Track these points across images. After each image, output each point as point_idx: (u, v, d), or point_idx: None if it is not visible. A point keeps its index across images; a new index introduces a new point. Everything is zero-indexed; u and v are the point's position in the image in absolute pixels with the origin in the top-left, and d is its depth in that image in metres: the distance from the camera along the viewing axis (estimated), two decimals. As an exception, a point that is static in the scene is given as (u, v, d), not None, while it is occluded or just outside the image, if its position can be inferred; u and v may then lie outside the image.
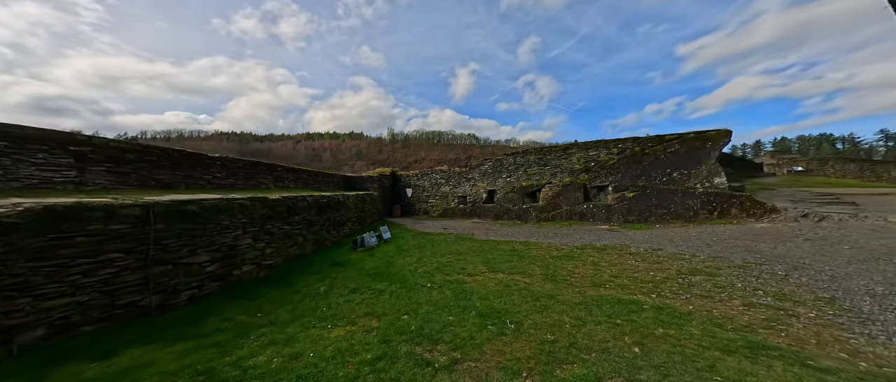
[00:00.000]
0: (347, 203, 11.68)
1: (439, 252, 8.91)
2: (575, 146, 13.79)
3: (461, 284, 5.90)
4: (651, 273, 5.67)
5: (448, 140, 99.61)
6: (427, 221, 16.99)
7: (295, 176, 11.58)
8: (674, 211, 10.23)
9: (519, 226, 13.49)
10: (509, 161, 16.38)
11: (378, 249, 9.58)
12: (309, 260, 7.76)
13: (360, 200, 13.65)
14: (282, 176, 10.53)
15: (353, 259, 8.31)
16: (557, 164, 14.19)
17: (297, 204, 7.20)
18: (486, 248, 9.17)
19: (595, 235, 9.94)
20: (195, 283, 4.42)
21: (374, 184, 18.14)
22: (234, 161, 8.15)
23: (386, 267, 7.43)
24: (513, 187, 15.67)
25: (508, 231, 12.43)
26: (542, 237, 10.57)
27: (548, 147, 14.73)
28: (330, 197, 9.59)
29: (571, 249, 8.23)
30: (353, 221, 12.41)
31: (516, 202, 15.08)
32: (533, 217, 13.96)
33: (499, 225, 14.16)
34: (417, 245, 10.11)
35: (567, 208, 12.85)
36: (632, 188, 11.23)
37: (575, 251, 8.01)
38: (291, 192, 8.88)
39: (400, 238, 11.67)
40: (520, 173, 15.64)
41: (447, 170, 19.36)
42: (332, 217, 9.90)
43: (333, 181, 16.16)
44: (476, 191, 17.79)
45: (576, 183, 12.92)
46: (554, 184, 13.83)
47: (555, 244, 9.20)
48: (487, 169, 17.40)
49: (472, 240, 10.61)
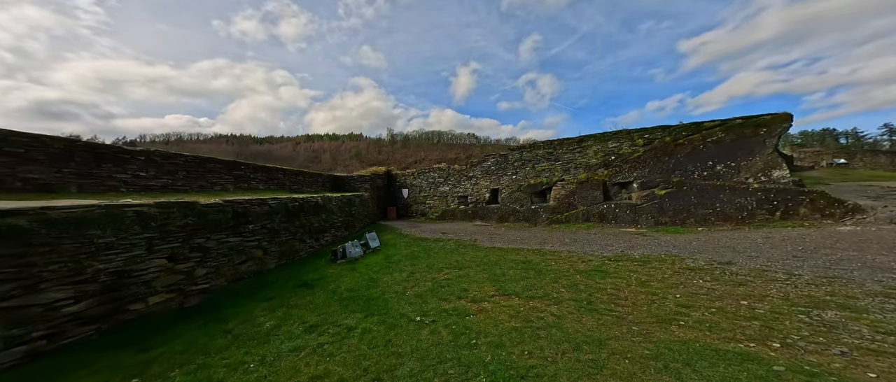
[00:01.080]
0: (329, 206, 10.00)
1: (436, 264, 7.23)
2: (591, 138, 12.13)
3: (463, 317, 4.22)
4: (743, 302, 3.96)
5: (448, 140, 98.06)
6: (424, 224, 15.30)
7: (266, 175, 9.91)
8: (720, 211, 8.53)
9: (528, 230, 11.78)
10: (514, 156, 14.71)
11: (362, 261, 7.90)
12: (268, 278, 6.07)
13: (347, 202, 11.97)
14: (246, 175, 8.85)
15: (328, 275, 6.62)
16: (570, 159, 12.50)
17: (250, 210, 5.53)
18: (493, 258, 7.48)
19: (625, 241, 8.23)
20: (40, 333, 2.73)
21: (365, 184, 16.48)
22: (170, 156, 6.34)
23: (366, 288, 5.75)
24: (519, 185, 14.00)
25: (517, 235, 10.72)
26: (558, 243, 8.87)
27: (559, 140, 13.07)
28: (304, 199, 7.91)
29: (602, 261, 6.53)
30: (337, 227, 10.73)
31: (523, 202, 13.40)
32: (543, 219, 12.28)
33: (505, 229, 12.45)
34: (410, 255, 8.42)
35: (584, 208, 11.16)
36: (663, 184, 9.56)
37: (608, 263, 6.31)
38: (249, 194, 7.21)
39: (391, 246, 9.99)
40: (527, 170, 13.97)
41: (446, 167, 17.70)
42: (308, 223, 8.22)
43: (318, 181, 14.50)
44: (478, 190, 16.11)
45: (593, 179, 11.24)
46: (567, 182, 12.16)
47: (577, 253, 7.50)
48: (490, 165, 15.74)
49: (476, 248, 8.91)
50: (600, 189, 10.96)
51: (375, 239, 9.48)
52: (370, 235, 9.38)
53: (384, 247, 9.70)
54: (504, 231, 11.99)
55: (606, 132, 11.81)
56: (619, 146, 11.31)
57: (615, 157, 11.16)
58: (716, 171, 9.04)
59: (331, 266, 7.46)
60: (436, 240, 10.65)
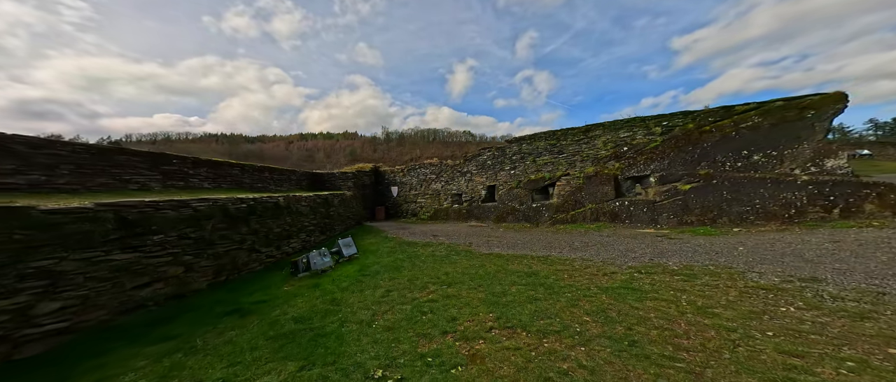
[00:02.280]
0: (297, 207, 8.46)
1: (420, 278, 5.79)
2: (600, 127, 10.75)
3: (446, 371, 2.79)
4: (893, 350, 2.55)
5: (444, 137, 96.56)
6: (414, 226, 13.83)
7: (213, 172, 8.24)
8: (761, 208, 7.20)
9: (529, 231, 10.38)
10: (513, 149, 13.30)
11: (330, 274, 6.41)
12: (189, 304, 4.55)
13: (323, 203, 10.44)
14: (182, 171, 7.12)
15: (277, 296, 5.12)
16: (576, 151, 11.12)
17: (154, 217, 3.98)
18: (491, 269, 6.06)
19: (649, 245, 6.85)
20: None
21: (348, 182, 14.94)
22: (44, 144, 4.35)
23: (322, 316, 4.31)
24: (518, 181, 12.60)
25: (517, 238, 9.31)
26: (567, 248, 7.46)
27: (563, 130, 11.68)
28: (257, 200, 6.39)
29: (629, 273, 5.13)
30: (309, 231, 9.20)
31: (523, 200, 11.99)
32: (546, 218, 10.89)
33: (503, 230, 11.04)
34: (392, 264, 6.96)
35: (592, 206, 9.79)
36: (687, 178, 8.21)
37: (639, 277, 4.91)
38: (183, 195, 5.67)
39: (371, 252, 8.51)
40: (527, 164, 12.56)
41: (438, 163, 16.22)
42: (265, 228, 6.70)
43: (291, 179, 12.90)
44: (473, 187, 14.68)
45: (603, 173, 9.88)
46: (572, 177, 10.79)
47: (594, 261, 6.10)
48: (486, 160, 14.31)
49: (470, 255, 7.47)
50: (611, 184, 9.60)
51: (351, 246, 7.98)
52: (344, 241, 7.88)
53: (363, 255, 8.22)
54: (502, 232, 10.57)
55: (617, 120, 10.43)
56: (633, 135, 9.95)
57: (628, 148, 9.80)
58: (752, 162, 7.70)
59: (288, 281, 5.95)
60: (425, 245, 9.21)
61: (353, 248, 8.03)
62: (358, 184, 15.89)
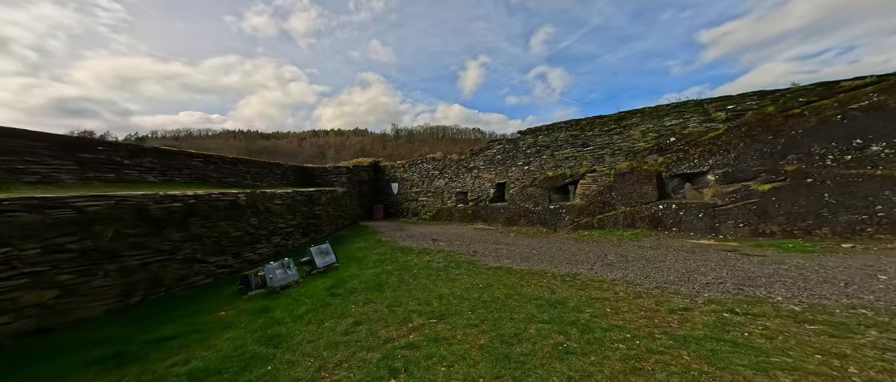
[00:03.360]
0: (268, 206, 7.10)
1: (404, 304, 4.31)
2: (636, 114, 8.90)
3: None
4: None
5: (453, 134, 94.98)
6: (414, 227, 12.37)
7: (160, 162, 6.75)
8: (884, 217, 5.24)
9: (546, 238, 8.72)
10: (527, 141, 11.59)
11: (290, 293, 5.00)
12: (48, 344, 3.15)
13: (306, 201, 9.09)
14: (111, 161, 5.59)
15: (200, 328, 3.74)
16: (605, 143, 9.32)
17: None
18: (499, 292, 4.50)
19: (720, 265, 5.11)
20: None
21: (342, 177, 13.60)
22: None
23: (238, 370, 2.85)
24: (533, 179, 10.92)
25: (532, 247, 7.68)
26: (599, 263, 5.79)
27: (588, 119, 9.85)
28: (197, 198, 5.02)
29: (714, 313, 3.46)
30: (286, 233, 7.86)
31: (539, 200, 10.31)
32: (566, 222, 9.20)
33: (514, 235, 9.41)
34: (373, 281, 5.49)
35: (626, 209, 8.04)
36: (766, 175, 6.33)
37: (732, 320, 3.25)
38: (111, 190, 4.35)
39: (356, 260, 7.10)
40: (543, 158, 10.85)
41: (441, 157, 14.68)
42: (216, 232, 5.35)
43: (275, 173, 11.62)
44: (480, 185, 13.07)
45: (640, 170, 8.08)
46: (600, 173, 9.03)
47: (645, 286, 4.43)
48: (495, 154, 12.66)
49: (474, 268, 5.93)
50: (652, 183, 7.80)
51: (328, 254, 6.55)
52: (319, 248, 6.45)
53: (344, 264, 6.80)
54: (513, 238, 8.95)
55: (662, 105, 8.53)
56: (683, 122, 8.05)
57: (676, 139, 7.91)
58: (869, 154, 5.69)
59: (232, 303, 4.55)
60: (421, 252, 7.72)
61: (331, 256, 6.59)
62: (354, 180, 14.55)
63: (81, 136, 5.37)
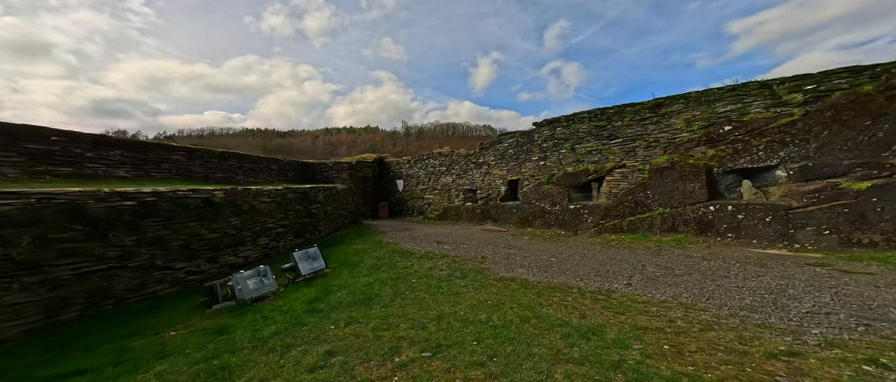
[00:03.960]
0: (253, 204, 6.41)
1: (395, 326, 3.49)
2: (679, 100, 7.56)
3: None
4: None
5: (463, 132, 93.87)
6: (418, 227, 11.56)
7: (133, 156, 5.93)
8: None
9: (566, 242, 7.70)
10: (543, 134, 10.50)
11: (263, 307, 4.25)
12: None
13: (300, 198, 8.40)
14: (72, 154, 4.74)
15: (128, 357, 2.98)
16: (639, 134, 8.10)
17: None
18: (512, 315, 3.61)
19: (812, 285, 3.99)
20: None
21: (343, 173, 12.90)
22: None
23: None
24: (550, 175, 9.85)
25: (551, 253, 6.70)
26: (638, 276, 4.78)
27: (616, 108, 8.57)
28: (159, 195, 4.34)
29: (851, 366, 2.42)
30: (277, 234, 7.19)
31: (557, 199, 9.25)
32: (589, 224, 8.12)
33: (528, 239, 8.43)
34: (363, 293, 4.69)
35: (664, 210, 6.90)
36: (862, 170, 5.04)
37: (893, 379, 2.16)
38: (18, 186, 3.69)
39: (349, 266, 6.36)
40: (563, 152, 9.75)
41: (448, 153, 13.76)
42: (184, 235, 4.67)
43: (271, 169, 10.99)
44: (490, 182, 12.09)
45: (684, 164, 6.88)
46: (631, 169, 7.87)
47: (709, 312, 3.42)
48: (507, 148, 11.63)
49: (482, 279, 5.03)
50: (700, 179, 6.57)
51: (316, 259, 5.79)
52: (306, 253, 5.69)
53: (336, 270, 6.05)
54: (528, 242, 7.96)
55: (712, 88, 7.16)
56: (743, 108, 6.67)
57: (733, 127, 6.53)
58: None
59: (187, 320, 3.83)
60: (423, 257, 6.89)
61: (319, 262, 5.83)
62: (356, 176, 13.85)
63: (29, 125, 4.75)
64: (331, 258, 7.34)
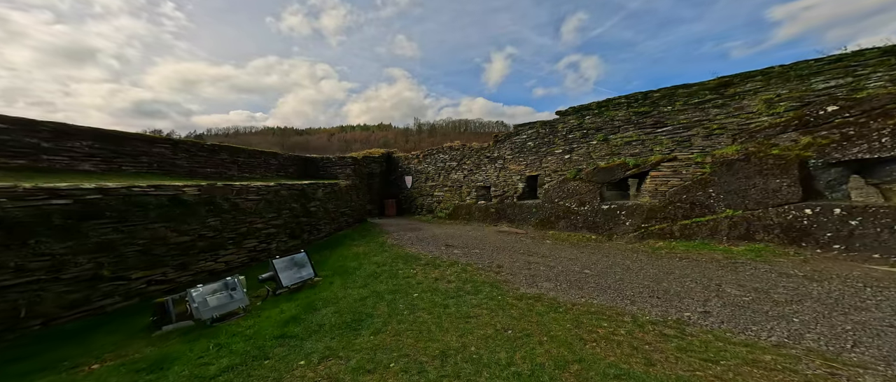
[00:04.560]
0: (236, 201, 5.68)
1: (388, 365, 2.54)
2: (757, 76, 5.92)
3: None
4: None
5: (475, 128, 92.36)
6: (427, 226, 10.65)
7: (103, 148, 5.27)
8: None
9: (599, 249, 6.55)
10: (569, 123, 9.26)
11: (224, 328, 3.42)
12: None
13: (296, 195, 7.67)
14: (24, 145, 4.30)
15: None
16: (697, 120, 6.65)
17: None
18: (543, 355, 2.65)
19: None
20: None
21: (346, 169, 12.15)
22: None
23: None
24: (577, 170, 8.63)
25: (581, 262, 5.60)
26: (717, 302, 3.65)
27: (663, 91, 7.01)
28: (105, 192, 3.58)
29: None
30: (268, 235, 6.48)
31: (586, 198, 8.04)
32: (627, 227, 6.89)
33: (552, 243, 7.32)
34: (354, 311, 3.83)
35: (734, 213, 5.58)
36: None
37: None
38: None
39: (344, 274, 5.54)
40: (592, 144, 8.49)
41: (459, 146, 12.72)
42: (142, 239, 3.97)
43: (269, 164, 10.33)
44: (506, 178, 10.98)
45: (764, 156, 5.44)
46: (685, 162, 6.51)
47: (874, 369, 2.18)
48: (526, 141, 10.47)
49: (498, 297, 4.02)
50: (789, 174, 5.10)
51: (303, 267, 4.97)
52: (291, 259, 4.88)
53: (328, 279, 5.23)
54: (551, 247, 6.85)
55: (805, 61, 5.55)
56: (857, 81, 5.12)
57: (840, 107, 4.99)
58: None
59: (122, 347, 3.06)
60: (429, 264, 5.97)
61: (307, 270, 4.99)
62: (361, 172, 13.09)
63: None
64: (326, 263, 6.54)
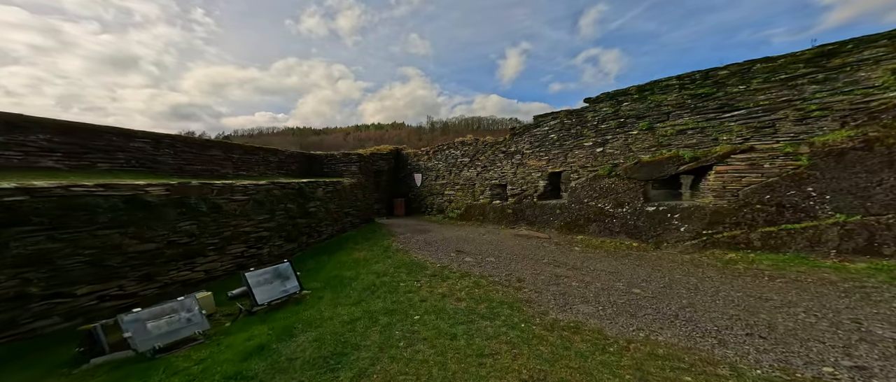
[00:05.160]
0: (220, 203, 5.02)
1: None
2: (881, 40, 4.32)
3: None
4: None
5: (488, 125, 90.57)
6: (437, 228, 9.79)
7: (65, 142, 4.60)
8: None
9: (644, 259, 5.43)
10: (601, 112, 8.04)
11: (158, 367, 2.60)
12: None
13: (293, 195, 7.02)
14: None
15: None
16: (785, 99, 4.95)
17: None
18: None
19: None
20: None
21: (352, 166, 11.45)
22: None
23: None
24: (612, 166, 7.43)
25: (625, 276, 4.54)
26: (869, 350, 2.48)
27: (735, 66, 5.48)
28: (36, 193, 2.91)
29: None
30: (259, 240, 5.84)
31: (625, 197, 6.85)
32: (682, 234, 5.69)
33: (581, 250, 6.26)
34: (332, 344, 3.06)
35: (845, 219, 4.24)
36: None
37: None
38: None
39: (335, 286, 4.80)
40: (634, 134, 7.23)
41: (472, 141, 11.71)
42: (87, 249, 3.32)
43: (269, 162, 9.70)
44: (524, 175, 9.90)
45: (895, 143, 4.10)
46: (767, 154, 5.06)
47: None
48: (548, 133, 9.32)
49: (523, 328, 3.08)
50: None
51: (287, 279, 4.23)
52: (275, 270, 4.14)
53: (317, 293, 4.50)
54: (582, 255, 5.77)
55: None
56: None
57: None
58: None
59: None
60: (435, 275, 5.11)
61: (291, 283, 4.24)
62: (368, 169, 12.38)
63: None
64: (321, 271, 5.79)
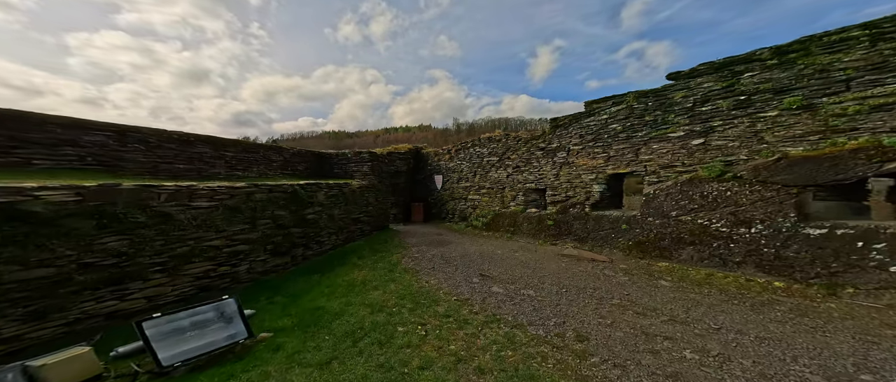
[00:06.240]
0: (168, 210, 3.85)
1: None
2: None
3: None
4: None
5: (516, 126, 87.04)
6: (458, 240, 8.16)
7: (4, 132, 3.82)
8: None
9: (812, 312, 3.50)
10: (697, 90, 5.86)
11: None
12: None
13: (287, 201, 5.86)
14: None
15: None
16: None
17: None
18: None
19: None
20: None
21: (363, 166, 10.21)
22: None
23: None
24: (724, 164, 5.26)
25: (800, 350, 2.69)
26: None
27: None
28: None
29: None
30: (229, 256, 4.67)
31: (754, 211, 4.68)
32: (893, 279, 3.44)
33: (672, 287, 4.25)
34: None
35: None
36: None
37: None
38: None
39: (310, 326, 3.36)
40: (769, 117, 4.90)
41: (501, 137, 9.91)
42: None
43: (271, 162, 8.61)
44: (571, 177, 7.89)
45: None
46: None
47: None
48: (607, 122, 7.27)
49: None
50: None
51: (230, 322, 2.89)
52: (216, 308, 2.80)
53: (276, 341, 3.17)
54: (676, 295, 3.82)
55: None
56: None
57: None
58: None
59: None
60: (448, 315, 3.50)
61: (237, 326, 2.87)
62: (382, 170, 11.10)
63: None
64: (302, 299, 4.42)
